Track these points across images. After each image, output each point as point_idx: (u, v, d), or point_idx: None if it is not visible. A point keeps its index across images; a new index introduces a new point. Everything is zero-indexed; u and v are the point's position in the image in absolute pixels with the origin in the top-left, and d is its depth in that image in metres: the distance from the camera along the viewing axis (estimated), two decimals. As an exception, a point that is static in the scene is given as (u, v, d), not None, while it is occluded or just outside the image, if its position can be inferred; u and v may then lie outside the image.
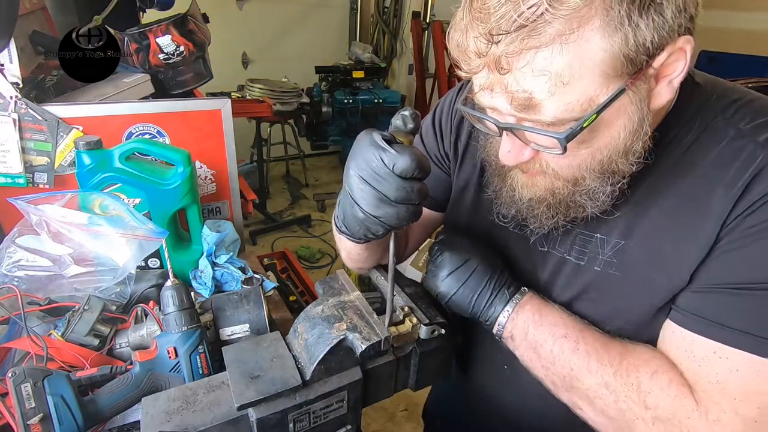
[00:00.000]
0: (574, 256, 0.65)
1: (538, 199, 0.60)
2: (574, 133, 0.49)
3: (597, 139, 0.52)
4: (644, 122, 0.52)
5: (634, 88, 0.49)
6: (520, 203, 0.62)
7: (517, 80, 0.48)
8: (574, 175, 0.56)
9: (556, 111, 0.49)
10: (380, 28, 4.82)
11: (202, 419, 0.57)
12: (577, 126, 0.48)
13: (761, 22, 4.87)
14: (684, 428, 0.54)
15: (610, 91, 0.48)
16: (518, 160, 0.57)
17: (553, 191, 0.58)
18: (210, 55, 1.54)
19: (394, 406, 2.24)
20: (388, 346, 0.65)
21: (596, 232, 0.63)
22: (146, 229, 0.84)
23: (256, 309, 0.86)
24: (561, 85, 0.47)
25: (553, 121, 0.49)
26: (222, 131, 1.22)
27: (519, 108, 0.50)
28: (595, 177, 0.55)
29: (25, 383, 0.64)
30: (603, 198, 0.57)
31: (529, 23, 0.44)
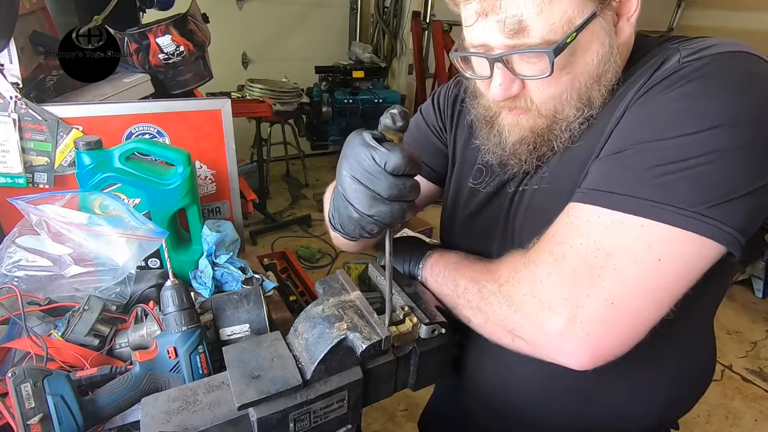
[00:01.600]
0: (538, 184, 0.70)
1: (521, 139, 0.66)
2: (560, 47, 0.54)
3: (576, 64, 0.58)
4: (613, 49, 0.58)
5: (603, 14, 0.56)
6: (505, 145, 0.68)
7: (509, 3, 0.54)
8: (554, 107, 0.62)
9: (543, 32, 0.55)
10: (380, 28, 4.82)
11: (202, 419, 0.57)
12: (562, 41, 0.54)
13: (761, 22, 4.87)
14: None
15: (584, 14, 0.54)
16: (507, 94, 0.61)
17: (534, 128, 0.64)
18: (210, 55, 1.54)
19: (394, 406, 2.24)
20: (389, 346, 0.65)
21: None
22: (146, 229, 0.84)
23: (256, 309, 0.86)
24: (546, 3, 0.53)
25: (540, 43, 0.55)
26: (222, 131, 1.22)
27: (510, 33, 0.56)
28: (572, 106, 0.61)
29: (25, 383, 0.64)
30: (573, 130, 0.63)
31: None
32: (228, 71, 4.16)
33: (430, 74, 4.61)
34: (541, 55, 0.56)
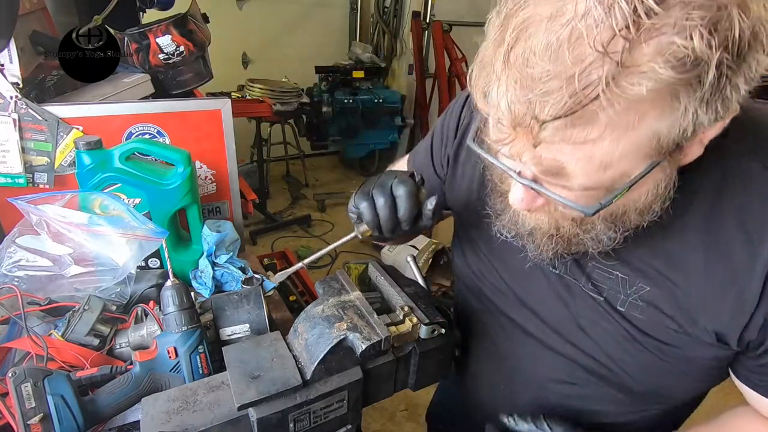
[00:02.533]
0: (590, 288, 0.63)
1: (542, 231, 0.58)
2: (602, 208, 0.46)
3: (616, 200, 0.49)
4: (669, 186, 0.50)
5: (671, 158, 0.46)
6: (521, 227, 0.60)
7: (550, 151, 0.43)
8: (581, 223, 0.54)
9: (586, 183, 0.45)
10: (380, 28, 4.81)
11: (202, 419, 0.57)
12: (607, 201, 0.46)
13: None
14: None
15: (643, 166, 0.44)
16: (531, 206, 0.53)
17: (558, 228, 0.56)
18: (210, 55, 1.54)
19: (394, 406, 2.24)
20: (388, 346, 0.65)
21: (615, 270, 0.60)
22: (146, 229, 0.84)
23: (256, 309, 0.86)
24: (602, 169, 0.43)
25: (579, 193, 0.47)
26: (222, 131, 1.22)
27: (544, 172, 0.46)
28: (606, 225, 0.53)
29: (25, 383, 0.64)
30: (606, 242, 0.55)
31: (581, 108, 0.38)
32: (228, 71, 4.15)
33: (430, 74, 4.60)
34: (575, 191, 0.47)
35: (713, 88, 0.38)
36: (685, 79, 0.37)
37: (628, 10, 0.36)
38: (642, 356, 0.61)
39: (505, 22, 0.42)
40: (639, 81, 0.37)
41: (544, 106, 0.39)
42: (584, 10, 0.37)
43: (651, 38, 0.36)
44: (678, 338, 0.58)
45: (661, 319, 0.58)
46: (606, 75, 0.37)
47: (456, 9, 4.70)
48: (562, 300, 0.67)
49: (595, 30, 0.37)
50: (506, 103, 0.42)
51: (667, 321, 0.58)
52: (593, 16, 0.37)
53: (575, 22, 0.37)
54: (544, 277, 0.68)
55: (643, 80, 0.37)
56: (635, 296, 0.59)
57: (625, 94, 0.37)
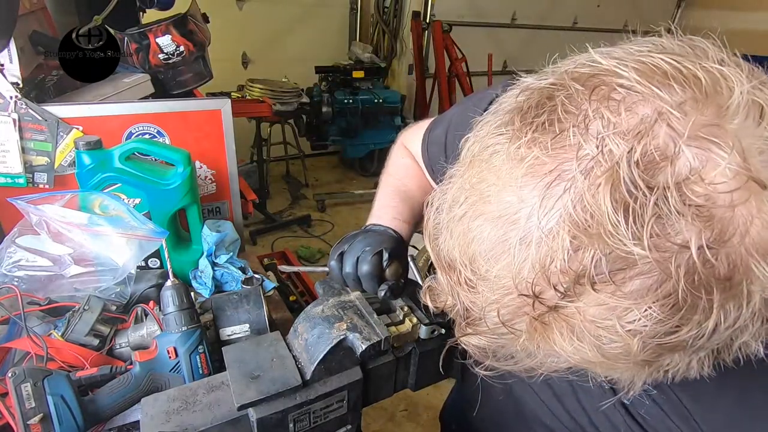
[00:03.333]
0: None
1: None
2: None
3: None
4: None
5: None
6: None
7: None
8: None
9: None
10: (380, 28, 4.82)
11: (202, 419, 0.57)
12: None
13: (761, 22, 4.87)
14: None
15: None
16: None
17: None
18: (210, 55, 1.54)
19: (394, 406, 2.24)
20: (388, 346, 0.65)
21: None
22: (146, 229, 0.84)
23: (256, 309, 0.86)
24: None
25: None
26: (222, 131, 1.22)
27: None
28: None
29: (25, 383, 0.64)
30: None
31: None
32: (228, 71, 4.16)
33: (430, 74, 4.61)
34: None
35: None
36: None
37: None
38: None
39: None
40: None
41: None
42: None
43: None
44: None
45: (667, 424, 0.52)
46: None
47: (456, 9, 4.70)
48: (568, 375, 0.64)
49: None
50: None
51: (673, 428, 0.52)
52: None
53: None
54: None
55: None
56: (642, 393, 0.52)
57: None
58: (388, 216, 0.79)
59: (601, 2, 5.62)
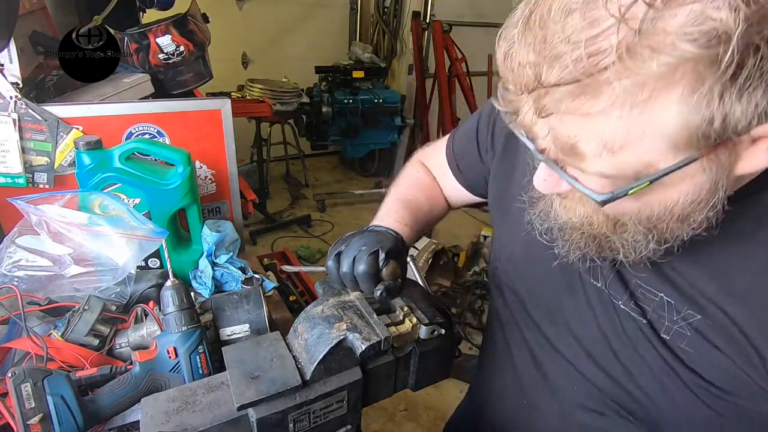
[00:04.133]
0: (632, 308, 0.56)
1: (572, 225, 0.53)
2: (614, 197, 0.42)
3: (648, 196, 0.44)
4: (717, 192, 0.42)
5: (712, 156, 0.39)
6: (554, 220, 0.55)
7: (563, 125, 0.41)
8: (615, 216, 0.49)
9: (603, 168, 0.41)
10: (380, 28, 4.82)
11: (201, 419, 0.57)
12: (620, 192, 0.42)
13: None
14: None
15: (676, 160, 0.39)
16: (553, 190, 0.51)
17: (591, 222, 0.51)
18: (210, 55, 1.54)
19: (394, 406, 2.24)
20: (388, 346, 0.65)
21: (660, 292, 0.54)
22: (146, 229, 0.84)
23: (256, 309, 0.86)
24: (611, 151, 0.39)
25: (596, 180, 0.43)
26: (222, 131, 1.22)
27: (562, 149, 0.43)
28: (639, 230, 0.48)
29: (25, 383, 0.64)
30: (643, 251, 0.49)
31: (587, 78, 0.36)
32: (228, 71, 4.16)
33: (430, 74, 4.61)
34: (592, 176, 0.43)
35: (749, 73, 0.33)
36: (709, 56, 0.33)
37: None
38: (682, 396, 0.54)
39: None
40: (655, 54, 0.33)
41: (550, 71, 0.37)
42: None
43: (677, 7, 0.32)
44: (731, 382, 0.50)
45: (713, 355, 0.50)
46: (619, 44, 0.34)
47: (456, 9, 4.70)
48: (599, 318, 0.61)
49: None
50: (517, 65, 0.40)
51: (719, 358, 0.50)
52: None
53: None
54: (582, 288, 0.63)
55: (661, 54, 0.33)
56: (683, 323, 0.52)
57: (638, 67, 0.34)
58: (390, 219, 0.79)
59: (601, 2, 5.62)
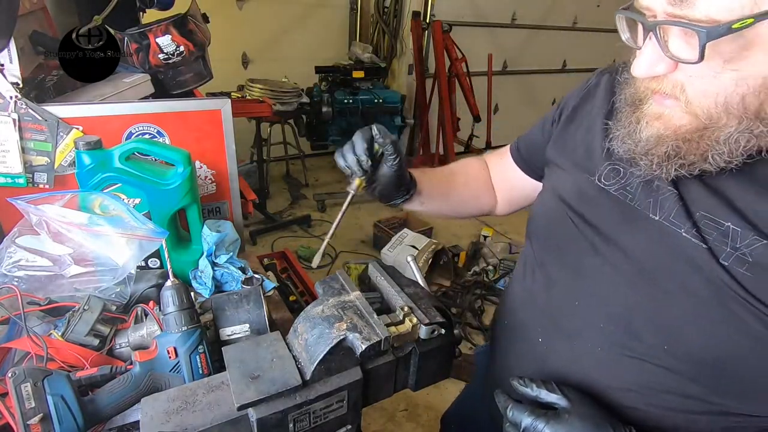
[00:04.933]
0: (694, 234, 0.56)
1: (658, 137, 0.55)
2: (719, 32, 0.44)
3: (747, 62, 0.46)
4: None
5: None
6: (637, 138, 0.58)
7: None
8: (708, 108, 0.50)
9: (712, 7, 0.44)
10: (380, 28, 4.82)
11: (201, 419, 0.57)
12: (726, 24, 0.43)
13: (761, 22, 4.87)
14: None
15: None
16: (651, 72, 0.53)
17: (678, 128, 0.53)
18: (210, 55, 1.54)
19: (394, 406, 2.24)
20: (388, 346, 0.65)
21: (727, 221, 0.55)
22: (146, 229, 0.84)
23: (256, 309, 0.86)
24: None
25: (704, 19, 0.45)
26: (222, 131, 1.22)
27: (674, 1, 0.47)
28: (733, 115, 0.49)
29: (25, 383, 0.64)
30: (733, 146, 0.50)
31: None
32: (228, 71, 4.16)
33: (430, 74, 4.61)
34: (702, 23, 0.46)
35: None
36: None
37: None
38: (733, 325, 0.54)
39: None
40: None
41: None
42: None
43: None
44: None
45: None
46: None
47: (456, 9, 4.70)
48: (653, 246, 0.61)
49: None
50: None
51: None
52: None
53: None
54: (640, 221, 0.62)
55: None
56: (745, 250, 0.53)
57: None
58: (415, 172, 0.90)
59: (601, 2, 5.61)
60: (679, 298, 0.58)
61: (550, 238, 0.76)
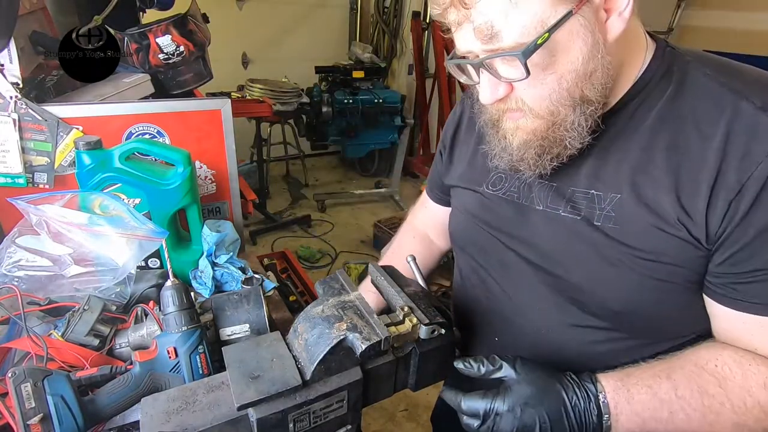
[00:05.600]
0: (569, 211, 0.69)
1: (525, 142, 0.66)
2: (530, 50, 0.55)
3: (558, 64, 0.58)
4: (599, 46, 0.58)
5: (582, 12, 0.56)
6: (510, 150, 0.68)
7: (478, 11, 0.56)
8: (548, 108, 0.62)
9: (514, 35, 0.56)
10: (380, 28, 4.82)
11: (201, 419, 0.57)
12: (532, 44, 0.55)
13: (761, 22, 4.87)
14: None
15: (558, 14, 0.55)
16: (495, 97, 0.63)
17: (535, 130, 0.64)
18: (210, 55, 1.54)
19: (394, 406, 2.24)
20: (388, 346, 0.65)
21: (591, 189, 0.67)
22: (146, 229, 0.84)
23: (256, 309, 0.86)
24: (512, 7, 0.54)
25: (515, 46, 0.56)
26: (222, 131, 1.22)
27: (485, 40, 0.57)
28: (567, 105, 0.61)
29: (25, 383, 0.64)
30: (579, 129, 0.62)
31: None
32: (228, 71, 4.16)
33: (430, 74, 4.61)
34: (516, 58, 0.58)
35: None
36: None
37: None
38: (621, 273, 0.64)
39: None
40: None
41: None
42: None
43: None
44: (651, 241, 0.62)
45: (632, 221, 0.63)
46: None
47: (456, 9, 4.69)
48: (546, 234, 0.73)
49: None
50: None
51: (636, 223, 0.63)
52: None
53: None
54: (530, 213, 0.75)
55: None
56: (608, 208, 0.65)
57: None
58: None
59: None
60: (579, 267, 0.69)
61: (472, 247, 0.86)
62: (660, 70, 0.64)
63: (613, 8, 0.57)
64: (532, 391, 0.64)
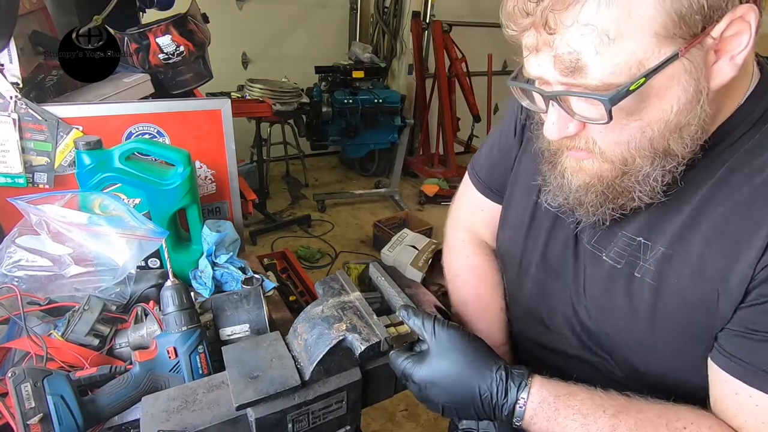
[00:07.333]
0: (612, 257, 0.64)
1: (586, 185, 0.58)
2: (619, 95, 0.46)
3: (647, 111, 0.50)
4: (701, 96, 0.48)
5: (689, 54, 0.46)
6: (568, 191, 0.61)
7: (564, 40, 0.47)
8: (622, 155, 0.54)
9: (603, 73, 0.47)
10: (380, 28, 4.82)
11: (201, 419, 0.57)
12: (623, 88, 0.46)
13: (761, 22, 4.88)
14: None
15: (661, 56, 0.45)
16: (563, 134, 0.55)
17: (601, 175, 0.56)
18: (210, 55, 1.54)
19: (394, 406, 2.24)
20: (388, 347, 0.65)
21: (639, 236, 0.61)
22: (146, 229, 0.84)
23: (256, 309, 0.86)
24: (607, 42, 0.45)
25: (600, 86, 0.48)
26: (222, 131, 1.22)
27: (565, 72, 0.49)
28: (646, 157, 0.53)
29: (25, 383, 0.64)
30: (653, 184, 0.54)
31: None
32: (228, 71, 4.16)
33: (430, 74, 4.61)
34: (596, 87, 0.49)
35: None
36: None
37: None
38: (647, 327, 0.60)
39: None
40: None
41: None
42: None
43: None
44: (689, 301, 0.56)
45: (670, 282, 0.58)
46: None
47: (456, 9, 4.69)
48: (579, 269, 0.69)
49: None
50: (512, 4, 0.50)
51: (673, 283, 0.57)
52: None
53: None
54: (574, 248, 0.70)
55: None
56: (651, 261, 0.59)
57: None
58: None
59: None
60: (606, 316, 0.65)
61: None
62: (756, 113, 0.54)
63: (724, 50, 0.47)
64: (444, 373, 0.60)
